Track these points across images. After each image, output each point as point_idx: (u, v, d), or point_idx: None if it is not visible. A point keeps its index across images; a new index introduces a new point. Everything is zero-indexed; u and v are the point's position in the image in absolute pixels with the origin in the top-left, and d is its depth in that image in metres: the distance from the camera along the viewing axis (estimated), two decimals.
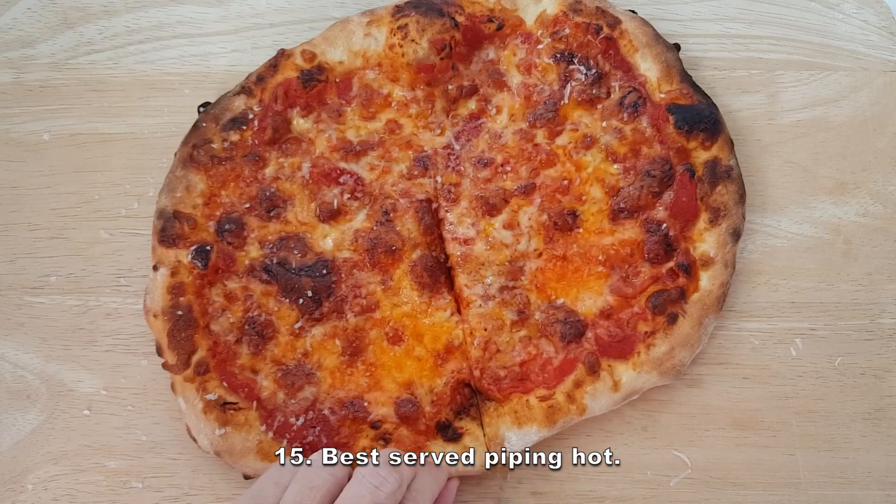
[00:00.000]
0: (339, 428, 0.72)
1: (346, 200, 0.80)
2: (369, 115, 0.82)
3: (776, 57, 0.89)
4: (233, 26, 0.88)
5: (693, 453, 0.77)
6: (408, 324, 0.76)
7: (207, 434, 0.70)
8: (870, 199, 0.84)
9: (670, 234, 0.76)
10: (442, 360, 0.75)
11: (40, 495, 0.74)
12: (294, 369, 0.74)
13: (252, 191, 0.79)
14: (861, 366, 0.79)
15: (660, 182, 0.77)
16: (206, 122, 0.80)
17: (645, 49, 0.80)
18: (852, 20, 0.89)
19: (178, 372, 0.72)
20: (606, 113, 0.80)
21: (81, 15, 0.88)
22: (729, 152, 0.78)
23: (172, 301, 0.74)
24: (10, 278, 0.80)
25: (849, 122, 0.86)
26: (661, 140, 0.78)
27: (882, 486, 0.76)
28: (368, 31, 0.82)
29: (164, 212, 0.77)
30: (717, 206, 0.76)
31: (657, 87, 0.79)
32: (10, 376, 0.77)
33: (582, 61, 0.81)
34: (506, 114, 0.82)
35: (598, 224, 0.78)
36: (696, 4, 0.90)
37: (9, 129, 0.84)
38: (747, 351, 0.80)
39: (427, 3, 0.82)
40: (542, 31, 0.83)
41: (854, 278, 0.82)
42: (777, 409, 0.78)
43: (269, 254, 0.78)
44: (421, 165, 0.81)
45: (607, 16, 0.81)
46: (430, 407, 0.73)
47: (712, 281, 0.75)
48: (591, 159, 0.79)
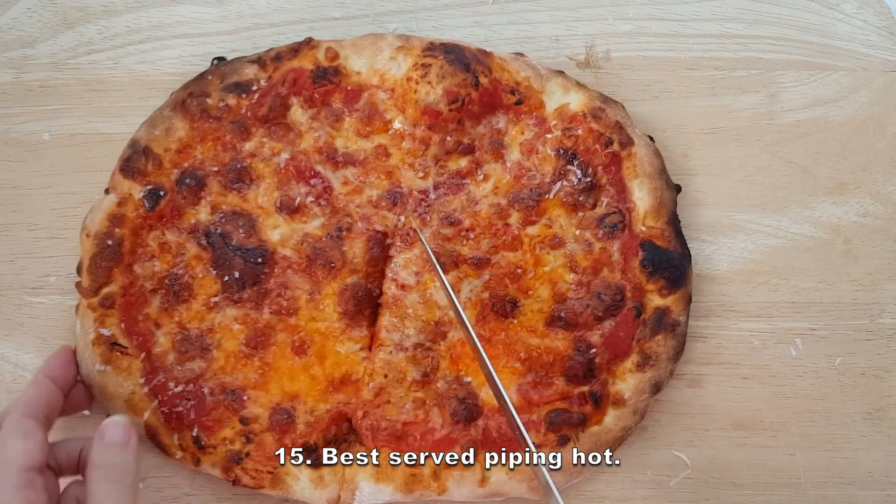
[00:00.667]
0: (211, 410, 0.72)
1: (309, 202, 0.79)
2: (365, 132, 0.81)
3: (776, 57, 0.89)
4: (233, 26, 0.88)
5: (693, 453, 0.77)
6: (317, 340, 0.76)
7: (88, 364, 0.72)
8: (870, 199, 0.84)
9: (596, 361, 0.75)
10: (334, 388, 0.74)
11: None
12: (194, 339, 0.74)
13: (226, 157, 0.79)
14: (861, 366, 0.79)
15: (606, 308, 0.75)
16: (212, 76, 0.81)
17: (645, 179, 0.78)
18: (852, 20, 0.89)
19: (86, 296, 0.74)
20: (584, 223, 0.79)
21: (81, 15, 0.88)
22: (683, 308, 0.76)
23: (108, 229, 0.75)
24: (9, 278, 0.80)
25: (849, 122, 0.86)
26: (624, 270, 0.77)
27: (882, 486, 0.76)
28: (395, 56, 0.82)
29: (137, 143, 0.78)
30: (650, 354, 0.74)
31: (642, 218, 0.78)
32: (9, 376, 0.77)
33: (581, 165, 0.79)
34: (491, 184, 0.81)
35: (534, 323, 0.77)
36: (696, 4, 0.90)
37: (9, 129, 0.84)
38: (747, 351, 0.80)
39: (458, 53, 0.80)
40: (557, 121, 0.81)
41: (854, 278, 0.82)
42: (777, 408, 0.78)
43: (217, 222, 0.78)
44: (391, 199, 0.80)
45: (623, 133, 0.79)
46: (304, 427, 0.72)
47: (616, 422, 0.73)
48: (552, 260, 0.78)
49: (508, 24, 0.89)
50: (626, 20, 0.89)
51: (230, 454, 0.71)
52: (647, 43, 0.89)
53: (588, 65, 0.88)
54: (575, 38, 0.89)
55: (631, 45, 0.88)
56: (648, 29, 0.89)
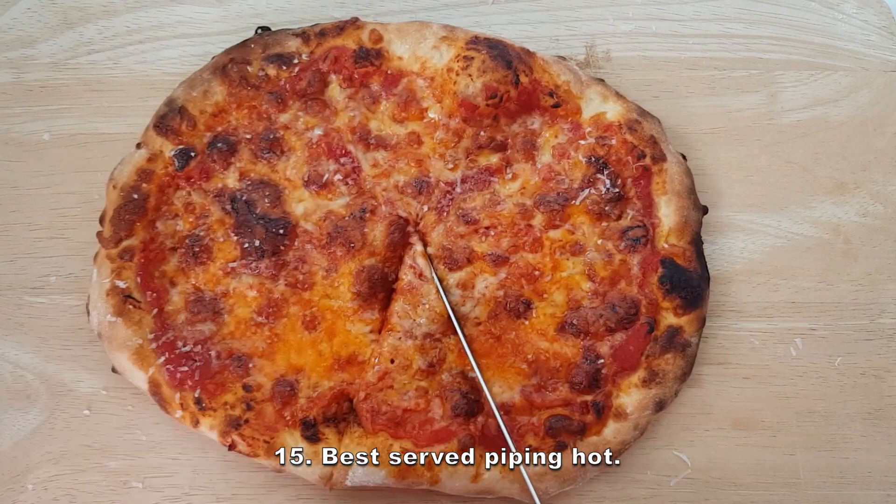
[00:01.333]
0: (216, 374, 0.72)
1: (337, 180, 0.80)
2: (400, 117, 0.82)
3: (776, 57, 0.89)
4: (232, 26, 0.88)
5: (693, 453, 0.77)
6: (328, 318, 0.76)
7: (100, 314, 0.72)
8: (870, 199, 0.84)
9: (602, 372, 0.75)
10: (339, 367, 0.74)
11: (40, 495, 0.74)
12: (207, 301, 0.75)
13: (260, 126, 0.80)
14: (861, 366, 0.79)
15: (619, 320, 0.75)
16: (255, 45, 0.81)
17: (673, 196, 0.78)
18: (852, 20, 0.89)
19: (107, 246, 0.74)
20: (607, 233, 0.79)
21: (81, 15, 0.88)
22: (696, 329, 0.76)
23: (136, 182, 0.76)
24: (9, 278, 0.80)
25: (849, 121, 0.86)
26: (641, 285, 0.77)
27: (882, 485, 0.76)
28: (438, 45, 0.82)
29: (174, 102, 0.79)
30: (657, 372, 0.74)
31: (666, 235, 0.78)
32: (10, 376, 0.77)
33: (611, 175, 0.79)
34: (518, 184, 0.81)
35: (545, 326, 0.77)
36: (696, 4, 0.90)
37: (9, 129, 0.84)
38: (747, 351, 0.80)
39: (501, 50, 0.80)
40: (592, 129, 0.81)
41: (854, 278, 0.82)
42: (777, 409, 0.78)
43: (244, 189, 0.78)
44: (418, 187, 0.80)
45: (656, 148, 0.79)
46: (305, 401, 0.72)
47: (615, 435, 0.73)
48: (571, 266, 0.78)
49: (508, 24, 0.89)
50: (626, 20, 0.89)
51: (230, 419, 0.71)
52: (647, 43, 0.89)
53: (588, 64, 0.88)
54: (575, 37, 0.89)
55: (631, 44, 0.89)
56: (648, 29, 0.89)
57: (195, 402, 0.71)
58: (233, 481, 0.74)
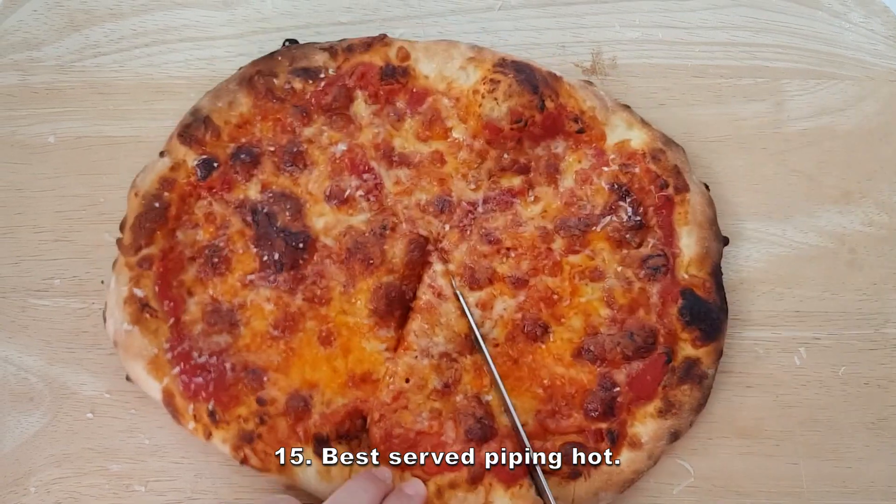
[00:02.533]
0: (230, 386, 0.72)
1: (358, 196, 0.79)
2: (424, 136, 0.82)
3: (782, 65, 0.88)
4: (239, 30, 0.88)
5: (696, 461, 0.77)
6: (344, 334, 0.75)
7: (116, 322, 0.72)
8: (875, 208, 0.84)
9: (618, 400, 0.74)
10: (354, 384, 0.74)
11: (43, 498, 0.74)
12: (224, 312, 0.74)
13: (284, 139, 0.80)
14: (865, 375, 0.79)
15: (636, 349, 0.75)
16: (282, 57, 0.81)
17: (695, 227, 0.77)
18: (859, 29, 0.89)
19: (126, 254, 0.74)
20: (627, 260, 0.78)
21: (87, 18, 0.88)
22: (713, 362, 0.76)
23: (158, 191, 0.76)
24: (14, 280, 0.80)
25: (855, 131, 0.86)
26: (661, 314, 0.76)
27: (885, 496, 0.76)
28: (465, 66, 0.81)
29: (199, 111, 0.79)
30: (674, 402, 0.74)
31: (686, 266, 0.77)
32: (13, 378, 0.77)
33: (633, 203, 0.79)
34: (540, 207, 0.81)
35: (561, 351, 0.76)
36: (702, 12, 0.90)
37: (14, 132, 0.84)
38: (751, 359, 0.80)
39: (528, 74, 0.80)
40: (615, 156, 0.81)
41: (859, 288, 0.82)
42: (780, 417, 0.78)
43: (265, 201, 0.78)
44: (439, 206, 0.80)
45: (680, 178, 0.79)
46: (319, 417, 0.72)
47: (629, 464, 0.73)
48: (590, 292, 0.78)
49: (514, 31, 0.89)
50: (633, 27, 0.89)
51: (243, 433, 0.70)
52: (654, 50, 0.89)
53: (594, 72, 0.88)
54: (581, 44, 0.89)
55: (637, 52, 0.88)
56: (655, 36, 0.89)
57: (209, 414, 0.71)
58: (235, 485, 0.74)
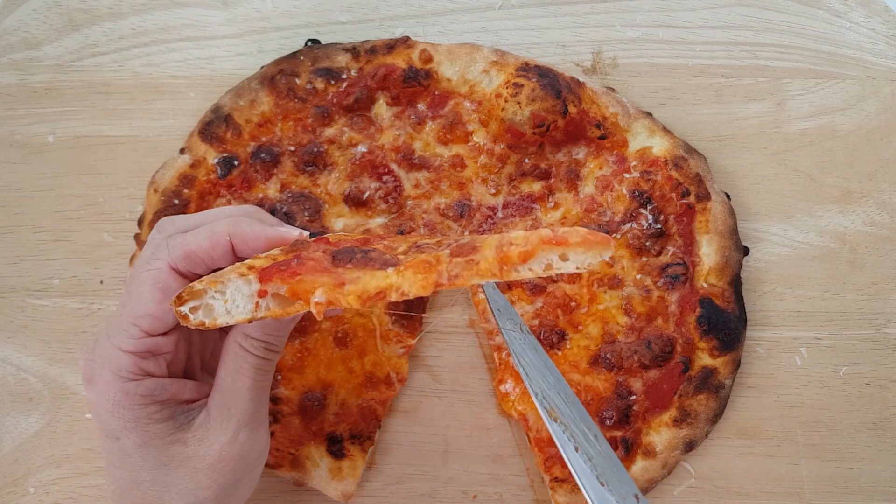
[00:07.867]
0: None
1: (377, 198, 0.79)
2: (444, 139, 0.81)
3: (783, 65, 0.88)
4: (238, 30, 0.88)
5: (697, 462, 0.77)
6: (361, 336, 0.76)
7: None
8: (876, 208, 0.84)
9: (633, 409, 0.74)
10: (369, 385, 0.74)
11: (42, 498, 0.74)
12: None
13: (304, 139, 0.80)
14: (866, 375, 0.79)
15: (654, 358, 0.75)
16: (304, 58, 0.81)
17: (715, 236, 0.77)
18: (860, 29, 0.89)
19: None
20: (647, 268, 0.78)
21: (87, 17, 0.87)
22: (730, 372, 0.76)
23: (177, 187, 0.76)
24: (13, 280, 0.79)
25: (856, 130, 0.86)
26: (679, 323, 0.76)
27: (886, 496, 0.76)
28: (488, 70, 0.81)
29: (220, 109, 0.79)
30: (689, 412, 0.74)
31: (705, 275, 0.77)
32: (12, 379, 0.77)
33: (654, 211, 0.79)
34: (560, 213, 0.81)
35: (578, 358, 0.76)
36: (703, 11, 0.90)
37: (13, 131, 0.83)
38: (752, 360, 0.80)
39: (552, 79, 0.79)
40: (637, 163, 0.80)
41: (860, 287, 0.82)
42: (782, 418, 0.78)
43: (284, 200, 0.78)
44: (459, 210, 0.80)
45: (701, 187, 0.78)
46: (333, 416, 0.73)
47: (643, 472, 0.73)
48: (608, 299, 0.78)
49: (515, 30, 0.89)
50: (633, 27, 0.89)
51: None
52: (654, 49, 0.88)
53: (595, 71, 0.87)
54: (582, 43, 0.88)
55: (638, 51, 0.88)
56: (655, 35, 0.89)
57: None
58: None
